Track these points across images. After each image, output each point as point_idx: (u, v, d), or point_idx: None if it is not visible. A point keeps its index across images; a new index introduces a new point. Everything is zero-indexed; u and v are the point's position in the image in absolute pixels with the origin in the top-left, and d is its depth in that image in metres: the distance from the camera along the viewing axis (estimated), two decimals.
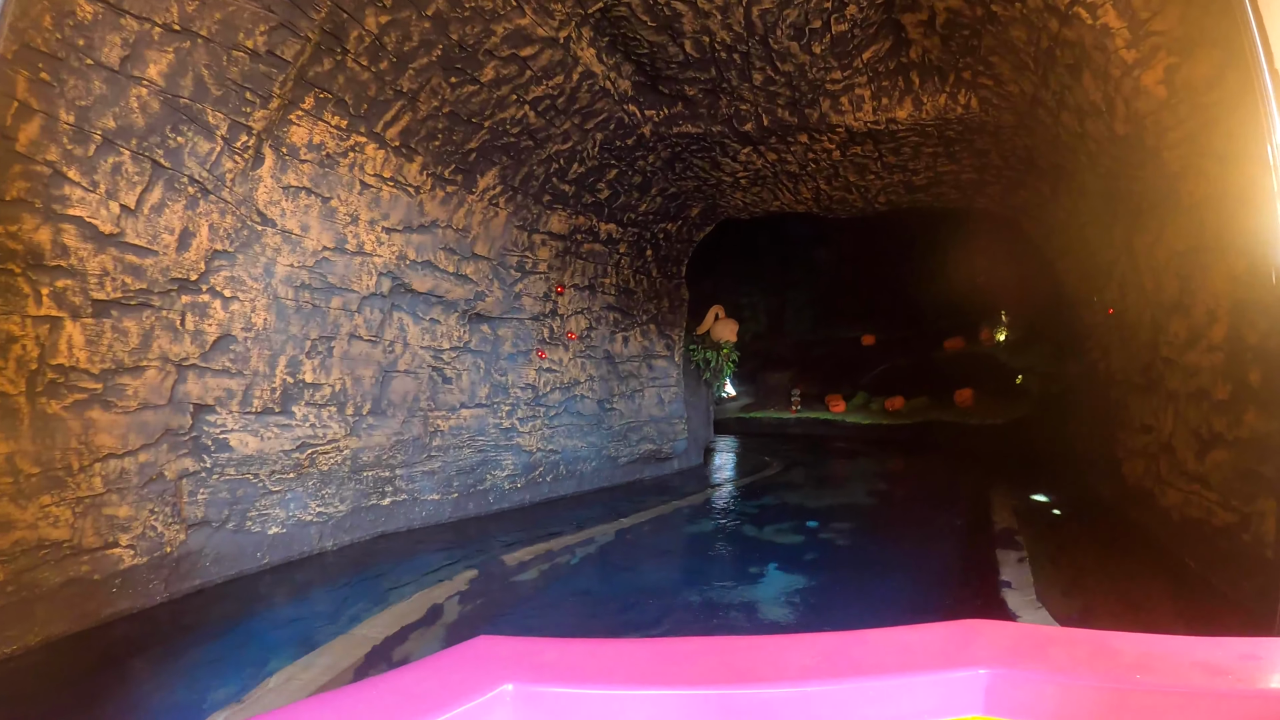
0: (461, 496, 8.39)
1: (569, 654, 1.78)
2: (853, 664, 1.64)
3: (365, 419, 7.12)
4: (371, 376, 7.14)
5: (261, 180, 5.84)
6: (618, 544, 7.12)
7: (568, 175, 8.94)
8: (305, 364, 6.44)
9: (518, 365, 9.24)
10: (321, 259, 6.47)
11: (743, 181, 10.50)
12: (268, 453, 6.13)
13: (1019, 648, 1.70)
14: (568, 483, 10.17)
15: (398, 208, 7.14)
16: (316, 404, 6.58)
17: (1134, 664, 1.55)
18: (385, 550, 6.88)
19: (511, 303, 9.05)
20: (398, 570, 6.13)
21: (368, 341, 7.05)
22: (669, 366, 12.73)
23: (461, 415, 8.40)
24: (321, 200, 6.37)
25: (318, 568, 6.31)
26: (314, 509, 6.64)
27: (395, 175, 6.97)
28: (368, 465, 7.18)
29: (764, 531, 7.54)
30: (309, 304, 6.39)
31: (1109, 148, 5.69)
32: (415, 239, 7.44)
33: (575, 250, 10.14)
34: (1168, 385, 5.95)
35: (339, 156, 6.37)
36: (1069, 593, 5.10)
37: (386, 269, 7.14)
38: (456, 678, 1.58)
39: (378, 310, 7.12)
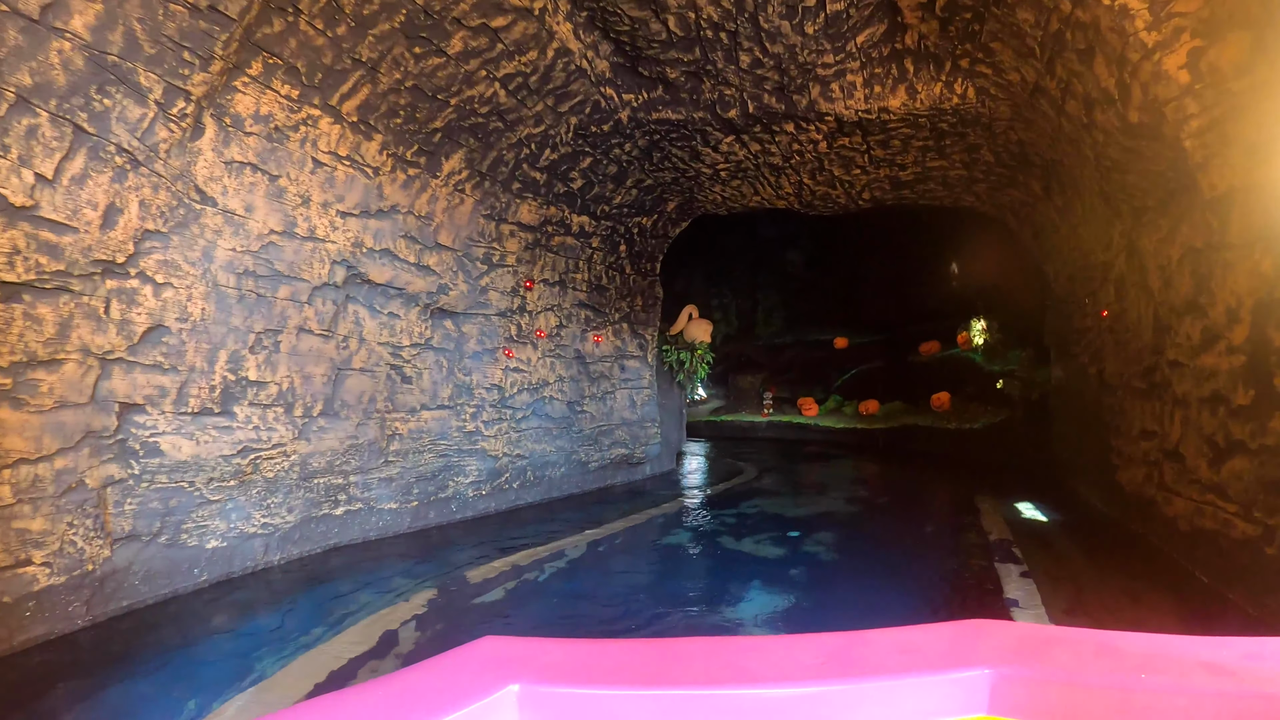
0: (422, 505, 7.95)
1: (574, 654, 1.78)
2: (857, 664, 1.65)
3: (316, 421, 6.65)
4: (323, 375, 6.68)
5: (201, 153, 5.37)
6: (589, 558, 6.76)
7: (539, 162, 8.56)
8: (248, 360, 5.96)
9: (483, 364, 8.82)
10: (268, 243, 5.99)
11: (723, 174, 10.23)
12: (205, 458, 5.64)
13: (1023, 647, 1.71)
14: (535, 489, 9.78)
15: (354, 190, 6.69)
16: (261, 404, 6.10)
17: (1138, 664, 1.56)
18: (338, 565, 6.43)
19: (477, 297, 8.63)
20: (351, 588, 5.70)
21: (319, 336, 6.59)
22: (642, 367, 12.41)
23: (422, 418, 7.96)
24: (269, 178, 5.90)
25: (262, 585, 5.85)
26: (258, 520, 6.16)
27: (352, 154, 6.53)
28: (319, 471, 6.71)
29: (744, 543, 7.25)
30: (253, 293, 5.92)
31: (1119, 139, 5.52)
32: (373, 225, 7.00)
33: (546, 243, 9.75)
34: (1175, 390, 5.81)
35: (289, 130, 5.91)
36: (1074, 610, 4.90)
37: (341, 257, 6.69)
38: (461, 678, 1.60)
39: (330, 302, 6.66)
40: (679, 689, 1.56)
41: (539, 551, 6.82)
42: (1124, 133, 5.39)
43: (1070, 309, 9.78)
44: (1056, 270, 10.07)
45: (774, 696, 1.54)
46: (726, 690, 1.55)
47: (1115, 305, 7.59)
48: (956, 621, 1.93)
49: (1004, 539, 6.94)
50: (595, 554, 6.91)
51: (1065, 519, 8.24)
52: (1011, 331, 15.85)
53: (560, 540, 7.31)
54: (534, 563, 6.43)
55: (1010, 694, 1.55)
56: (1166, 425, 6.06)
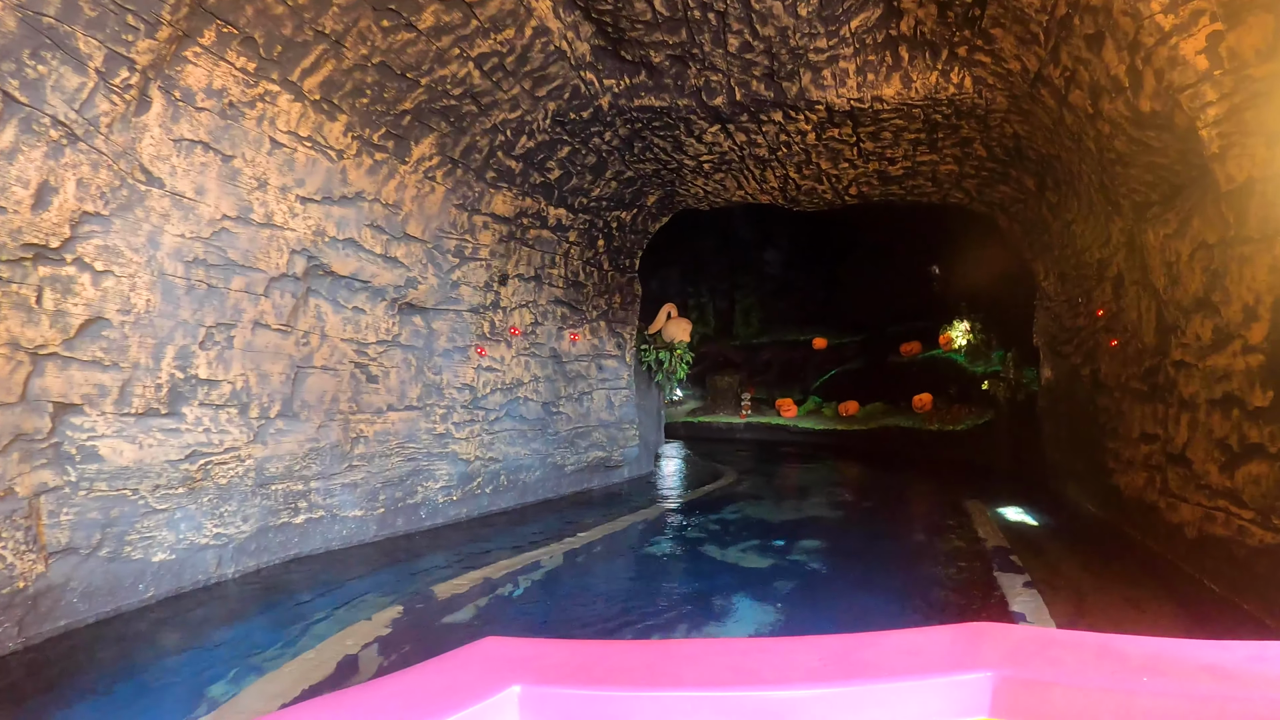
0: (389, 512, 7.60)
1: (576, 655, 1.79)
2: (859, 666, 1.66)
3: (273, 423, 6.28)
4: (281, 373, 6.31)
5: (147, 129, 5.00)
6: (566, 569, 6.48)
7: (515, 150, 8.26)
8: (199, 356, 5.59)
9: (454, 363, 8.50)
10: (221, 230, 5.63)
11: (706, 166, 10.00)
12: (149, 463, 5.26)
13: (1025, 650, 1.72)
14: (509, 494, 9.46)
15: (315, 174, 6.34)
16: (213, 404, 5.73)
17: (1141, 666, 1.57)
18: (298, 578, 6.09)
19: (448, 292, 8.30)
20: (310, 605, 5.37)
21: (277, 331, 6.23)
22: (620, 367, 12.15)
23: (389, 419, 7.61)
24: (222, 158, 5.54)
25: (215, 601, 5.50)
26: (210, 530, 5.79)
27: (314, 135, 6.18)
28: (276, 477, 6.35)
29: (728, 552, 7.02)
30: (204, 284, 5.55)
31: (1127, 129, 5.39)
32: (336, 212, 6.65)
33: (521, 236, 9.45)
34: (1181, 391, 5.69)
35: (245, 107, 5.56)
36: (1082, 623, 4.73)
37: (301, 246, 6.33)
38: (463, 679, 1.61)
39: (289, 294, 6.30)
40: (681, 690, 1.57)
41: (512, 563, 6.53)
42: (1133, 123, 5.25)
43: (1061, 308, 9.72)
44: (1047, 269, 10.01)
45: (776, 698, 1.55)
46: (728, 692, 1.57)
47: (1112, 304, 7.50)
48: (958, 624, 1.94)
49: (1000, 546, 6.80)
50: (572, 565, 6.64)
51: (1060, 524, 8.15)
52: (995, 332, 15.87)
53: (535, 550, 7.02)
54: (507, 575, 6.12)
55: (1012, 697, 1.56)
56: (1170, 428, 5.95)
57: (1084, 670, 1.60)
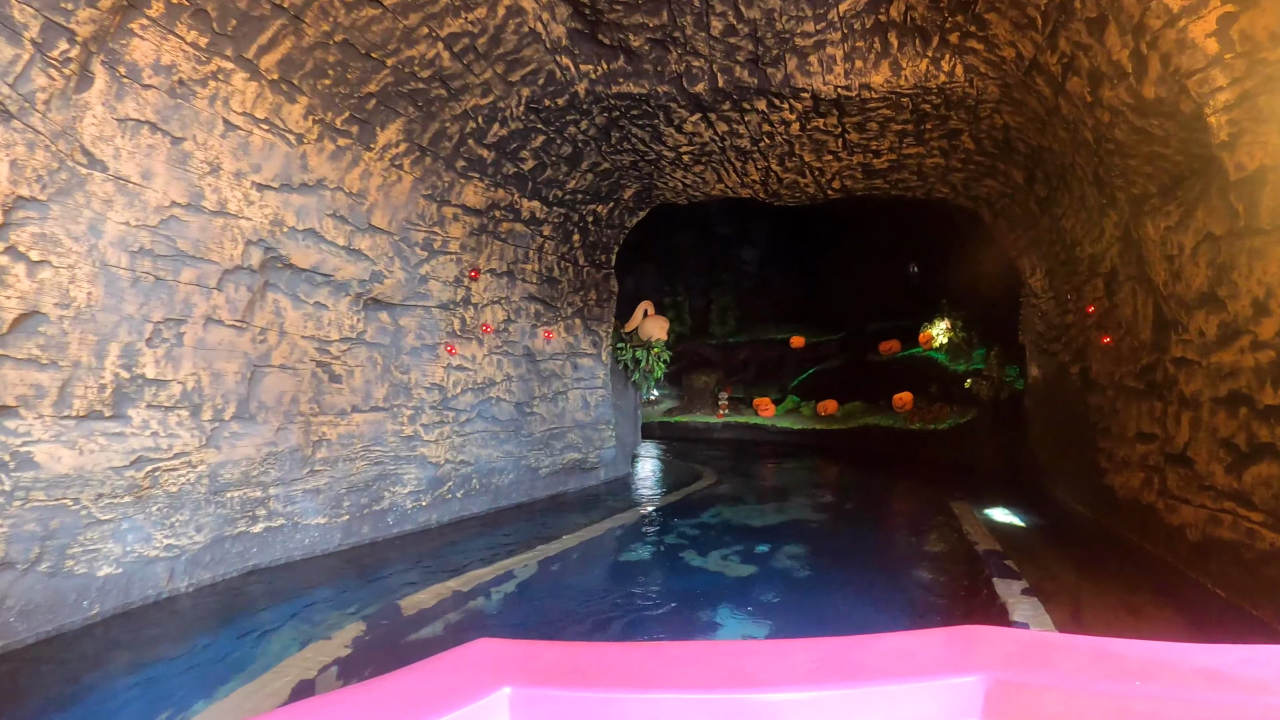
0: (354, 519, 7.31)
1: (568, 657, 1.81)
2: (852, 669, 1.67)
3: (228, 426, 5.97)
4: (236, 372, 6.00)
5: (89, 108, 4.69)
6: (541, 580, 6.24)
7: (486, 138, 8.00)
8: (145, 354, 5.27)
9: (423, 361, 8.21)
10: (169, 218, 5.31)
11: (685, 158, 9.82)
12: (91, 470, 4.94)
13: (1019, 654, 1.74)
14: (481, 499, 9.20)
15: (273, 159, 6.04)
16: (161, 406, 5.42)
17: (1135, 670, 1.58)
18: (256, 592, 5.80)
19: (416, 287, 8.02)
20: (268, 621, 5.09)
21: (231, 327, 5.92)
22: (596, 366, 11.93)
23: (353, 421, 7.32)
24: (171, 140, 5.23)
25: (167, 617, 5.20)
26: (161, 541, 5.48)
27: (271, 117, 5.88)
28: (232, 484, 6.04)
29: (709, 559, 6.83)
30: (151, 275, 5.23)
31: (1129, 117, 5.29)
32: (296, 201, 6.35)
33: (493, 229, 9.19)
34: (1183, 389, 5.62)
35: (196, 85, 5.25)
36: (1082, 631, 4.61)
37: (257, 236, 6.03)
38: (454, 680, 1.63)
39: (245, 288, 5.99)
40: (673, 692, 1.59)
41: (484, 573, 6.26)
42: (1135, 110, 5.15)
43: (1048, 305, 9.69)
44: (1033, 265, 9.97)
45: (768, 701, 1.57)
46: (721, 694, 1.58)
47: (1104, 301, 7.45)
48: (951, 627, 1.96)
49: (993, 550, 6.69)
50: (547, 575, 6.40)
51: (1050, 526, 8.08)
52: (976, 330, 15.89)
53: (509, 559, 6.77)
54: (478, 587, 5.86)
55: (1004, 700, 1.57)
56: (1170, 428, 5.88)
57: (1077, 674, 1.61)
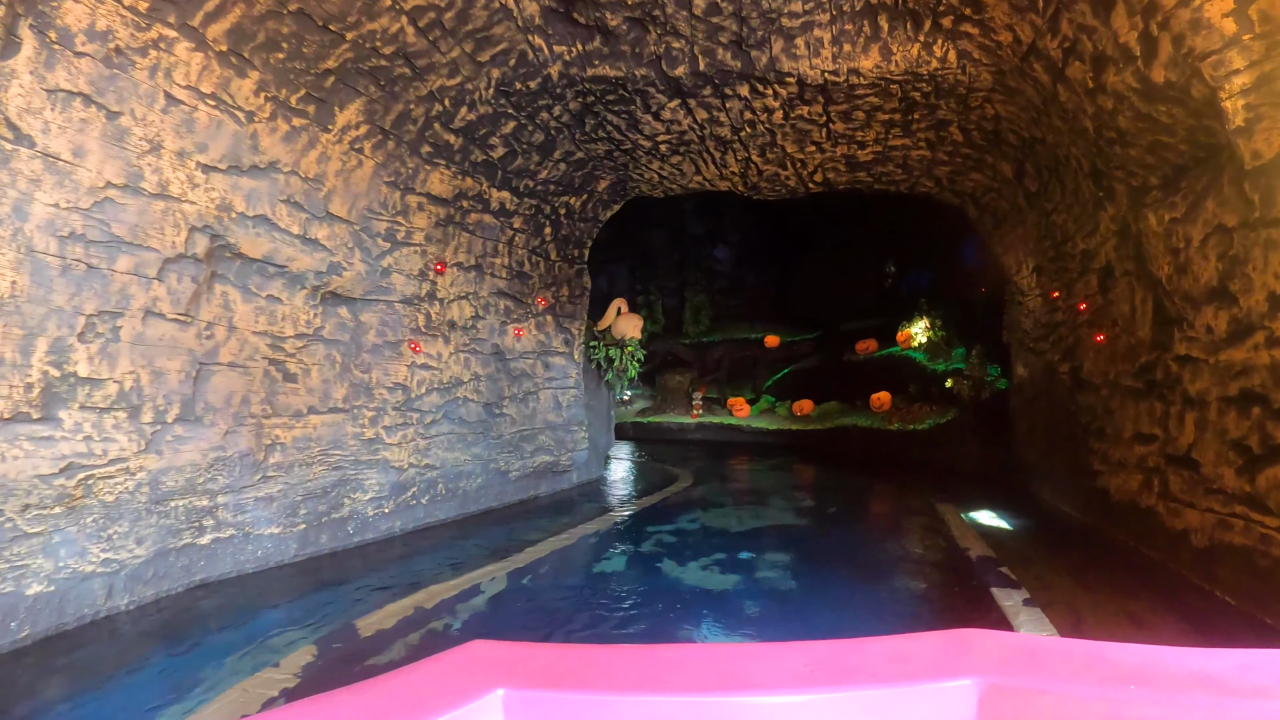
0: (311, 528, 6.93)
1: (561, 659, 1.83)
2: (845, 672, 1.69)
3: (170, 429, 5.58)
4: (179, 370, 5.61)
5: (15, 76, 4.30)
6: (511, 595, 5.91)
7: (454, 122, 7.67)
8: (78, 350, 4.87)
9: (385, 360, 7.85)
10: (104, 200, 4.92)
11: (663, 148, 9.56)
12: (15, 479, 4.54)
13: (1013, 657, 1.75)
14: (448, 504, 8.85)
15: (221, 138, 5.66)
16: (96, 408, 5.02)
17: (1129, 674, 1.59)
18: (204, 609, 5.43)
19: (378, 280, 7.66)
20: (213, 642, 4.73)
21: (174, 321, 5.53)
22: (568, 365, 11.63)
23: (310, 423, 6.94)
24: (107, 115, 4.84)
25: (104, 639, 4.83)
26: (97, 555, 5.08)
27: (219, 92, 5.50)
28: (175, 492, 5.65)
29: (689, 569, 6.56)
30: (83, 263, 4.84)
31: (1134, 103, 5.14)
32: (246, 184, 5.96)
33: (460, 220, 8.84)
34: (1187, 388, 5.50)
35: (135, 54, 4.86)
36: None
37: (203, 222, 5.64)
38: (448, 682, 1.66)
39: (189, 279, 5.60)
40: (666, 695, 1.61)
41: (450, 587, 5.91)
42: (1142, 96, 5.00)
43: (1035, 303, 9.61)
44: (1019, 262, 9.88)
45: (761, 704, 1.59)
46: (714, 696, 1.60)
47: (1098, 297, 7.34)
48: (945, 630, 1.97)
49: (986, 556, 6.53)
50: (517, 589, 6.07)
51: (1041, 529, 7.96)
52: (955, 329, 15.86)
53: (476, 570, 6.44)
54: (443, 604, 5.51)
55: (998, 704, 1.59)
56: (1172, 428, 5.76)
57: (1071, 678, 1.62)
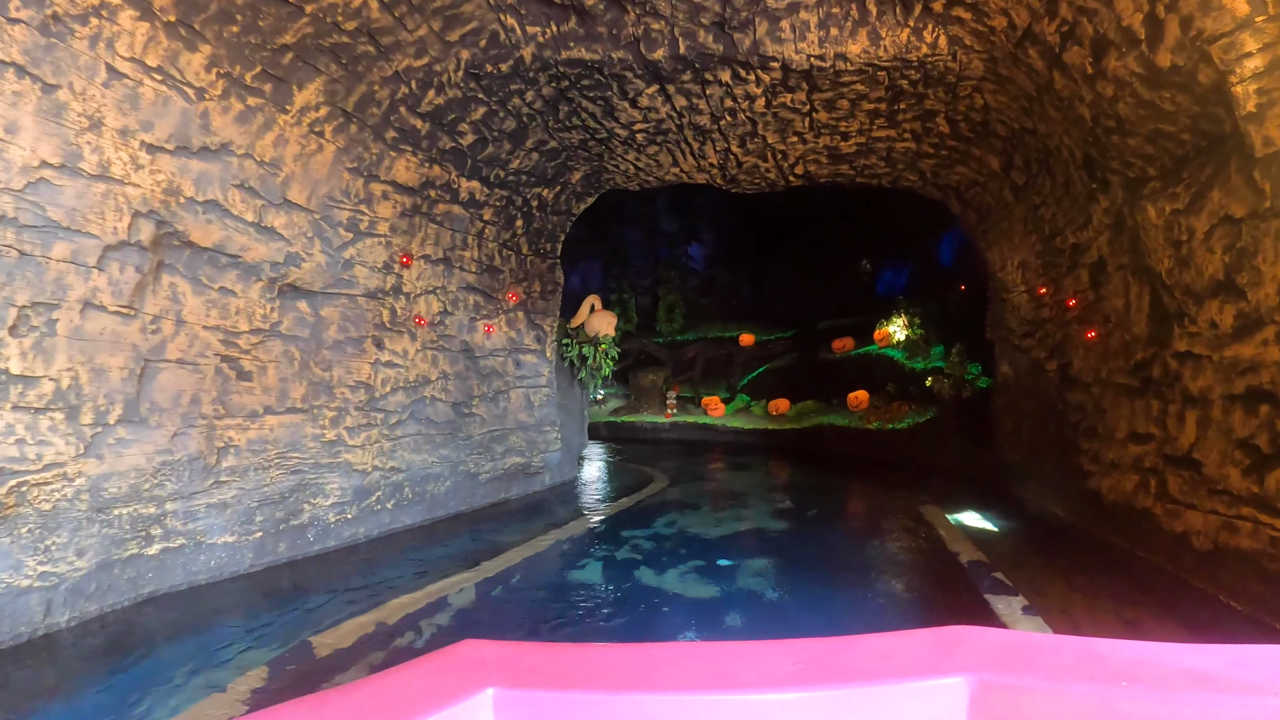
0: (268, 536, 6.59)
1: (553, 658, 1.84)
2: (836, 670, 1.71)
3: (112, 431, 5.22)
4: (123, 368, 5.26)
5: None
6: (480, 609, 5.63)
7: (421, 106, 7.36)
8: (9, 345, 4.52)
9: (347, 357, 7.52)
10: (39, 181, 4.56)
11: (639, 137, 9.33)
12: None
13: (1004, 655, 1.77)
14: (415, 509, 8.54)
15: (168, 116, 5.31)
16: (29, 408, 4.66)
17: (1121, 671, 1.61)
18: (151, 625, 5.12)
19: (339, 273, 7.33)
20: (159, 662, 4.42)
21: (116, 314, 5.17)
22: (540, 363, 11.35)
23: (266, 424, 6.60)
24: (42, 88, 4.49)
25: (43, 659, 4.54)
26: (33, 568, 4.74)
27: (167, 66, 5.16)
28: (119, 499, 5.29)
29: (667, 577, 6.34)
30: (15, 250, 4.48)
31: (1137, 89, 5.02)
32: (196, 167, 5.62)
33: (428, 211, 8.53)
34: (1187, 386, 5.40)
35: (74, 22, 4.52)
36: None
37: (148, 207, 5.29)
38: (439, 681, 1.66)
39: (133, 268, 5.25)
40: (657, 693, 1.62)
41: (415, 599, 5.60)
42: (1145, 82, 4.88)
43: (1020, 299, 9.54)
44: (1004, 257, 9.81)
45: (751, 702, 1.60)
46: (704, 695, 1.61)
47: (1089, 293, 7.26)
48: (936, 628, 1.96)
49: (978, 560, 6.39)
50: (487, 601, 5.79)
51: (1030, 532, 7.87)
52: (936, 326, 15.83)
53: (444, 580, 6.13)
54: (407, 619, 5.19)
55: (989, 702, 1.60)
56: (1171, 427, 5.67)
57: (1063, 675, 1.62)
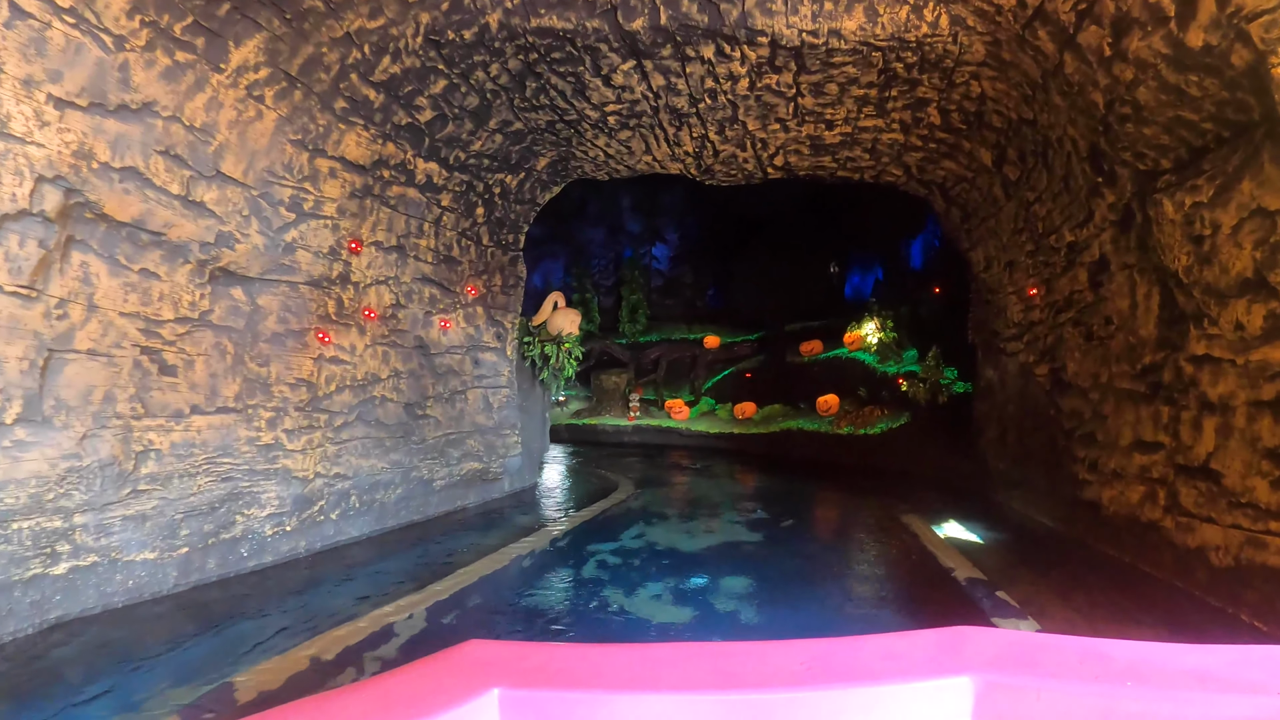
0: (195, 552, 5.95)
1: (557, 658, 1.87)
2: (842, 670, 1.73)
3: (9, 432, 4.55)
4: (21, 358, 4.59)
5: None
6: (432, 636, 5.01)
7: (374, 74, 6.78)
8: None
9: (286, 351, 6.89)
10: None
11: (611, 120, 8.84)
12: None
13: (1008, 655, 1.80)
14: (363, 519, 7.92)
15: (80, 66, 4.66)
16: None
17: (1124, 671, 1.65)
18: (57, 657, 4.47)
19: (279, 257, 6.70)
20: (60, 705, 3.78)
21: (14, 296, 4.51)
22: (500, 362, 10.79)
23: (193, 426, 5.95)
24: None
25: None
26: None
27: (81, 8, 4.52)
28: (17, 511, 4.63)
29: (637, 599, 5.86)
30: None
31: (1162, 72, 4.72)
32: (113, 128, 4.97)
33: (380, 193, 7.92)
34: (1206, 391, 5.12)
35: None
36: None
37: (54, 172, 4.63)
38: (444, 682, 1.71)
39: (34, 242, 4.58)
40: (662, 693, 1.64)
41: (357, 629, 4.91)
42: (1172, 63, 4.57)
43: (1007, 301, 9.29)
44: (989, 257, 9.56)
45: (758, 701, 1.62)
46: (709, 694, 1.64)
47: (1088, 293, 6.99)
48: (941, 629, 1.96)
49: (975, 578, 6.04)
50: (439, 629, 5.17)
51: (1022, 545, 7.55)
52: (908, 329, 15.65)
53: (391, 604, 5.49)
54: (347, 653, 4.53)
55: (994, 702, 1.63)
56: (1185, 435, 5.39)
57: (1067, 674, 1.67)
